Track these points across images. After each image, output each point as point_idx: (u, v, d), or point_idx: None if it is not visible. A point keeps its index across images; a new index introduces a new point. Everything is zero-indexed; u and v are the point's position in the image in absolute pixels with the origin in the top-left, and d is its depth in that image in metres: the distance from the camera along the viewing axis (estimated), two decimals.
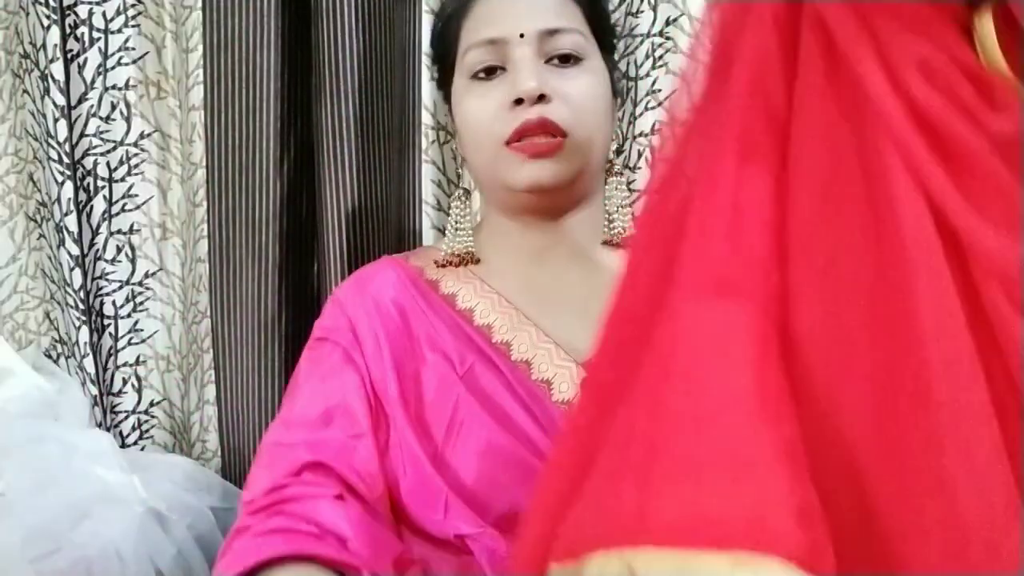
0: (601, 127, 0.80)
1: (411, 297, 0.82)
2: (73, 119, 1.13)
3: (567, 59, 0.78)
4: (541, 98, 0.76)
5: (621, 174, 0.86)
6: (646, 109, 1.05)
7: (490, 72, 0.79)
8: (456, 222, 0.86)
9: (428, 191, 1.11)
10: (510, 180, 0.78)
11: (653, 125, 1.04)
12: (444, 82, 0.87)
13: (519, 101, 0.76)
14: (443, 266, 0.85)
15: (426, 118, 1.10)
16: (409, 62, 1.09)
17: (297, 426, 0.76)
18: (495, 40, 0.78)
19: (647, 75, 1.05)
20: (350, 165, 1.01)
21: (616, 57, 0.87)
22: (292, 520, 0.68)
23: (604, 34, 0.83)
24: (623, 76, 1.04)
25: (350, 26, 0.99)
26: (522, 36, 0.77)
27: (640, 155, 1.05)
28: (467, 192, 0.88)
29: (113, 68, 1.15)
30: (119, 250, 1.18)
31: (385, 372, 0.77)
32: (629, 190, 0.88)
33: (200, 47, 1.06)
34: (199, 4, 1.06)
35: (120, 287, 1.18)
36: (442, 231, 1.13)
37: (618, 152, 0.86)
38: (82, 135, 1.14)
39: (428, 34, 1.09)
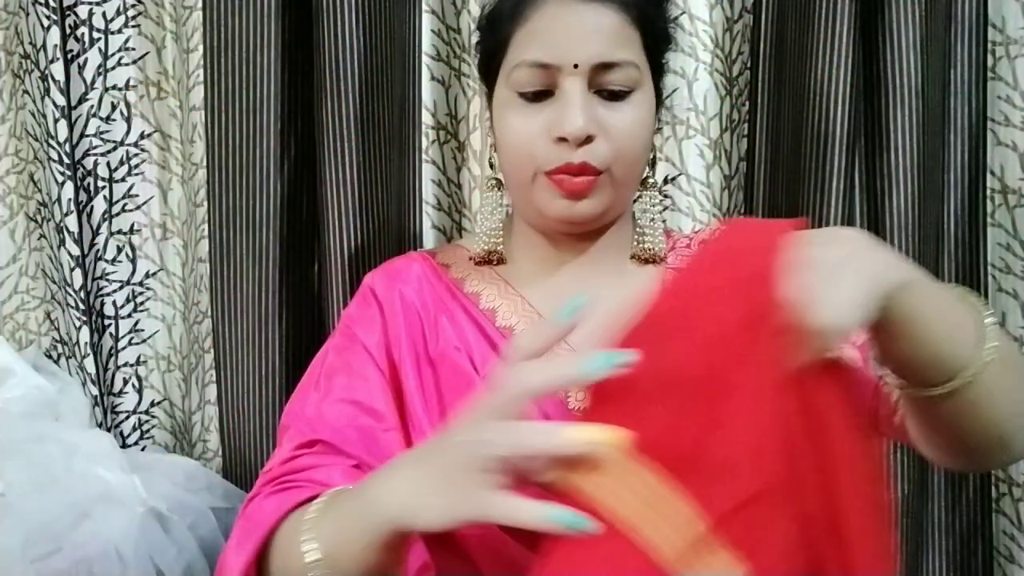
0: (641, 157, 0.79)
1: (436, 293, 0.82)
2: (73, 119, 1.13)
3: (617, 95, 0.76)
4: (586, 139, 0.74)
5: (655, 186, 0.85)
6: None
7: (537, 95, 0.76)
8: (485, 219, 0.85)
9: (428, 191, 1.11)
10: (542, 208, 0.77)
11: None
12: (486, 76, 0.83)
13: (563, 138, 0.74)
14: (474, 263, 0.85)
15: (426, 118, 1.10)
16: (409, 62, 1.08)
17: (325, 413, 0.76)
18: (547, 65, 0.74)
19: None
20: (350, 165, 1.00)
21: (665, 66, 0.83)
22: (304, 484, 0.69)
23: (659, 56, 0.80)
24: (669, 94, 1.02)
25: (350, 26, 0.99)
26: (576, 67, 0.74)
27: None
28: (499, 183, 0.85)
29: (113, 68, 1.15)
30: (119, 250, 1.18)
31: (406, 367, 0.78)
32: (662, 195, 0.85)
33: (200, 47, 1.06)
34: (199, 4, 1.06)
35: (120, 287, 1.18)
36: (442, 231, 1.13)
37: (652, 164, 0.84)
38: (82, 135, 1.15)
39: (428, 34, 1.09)
